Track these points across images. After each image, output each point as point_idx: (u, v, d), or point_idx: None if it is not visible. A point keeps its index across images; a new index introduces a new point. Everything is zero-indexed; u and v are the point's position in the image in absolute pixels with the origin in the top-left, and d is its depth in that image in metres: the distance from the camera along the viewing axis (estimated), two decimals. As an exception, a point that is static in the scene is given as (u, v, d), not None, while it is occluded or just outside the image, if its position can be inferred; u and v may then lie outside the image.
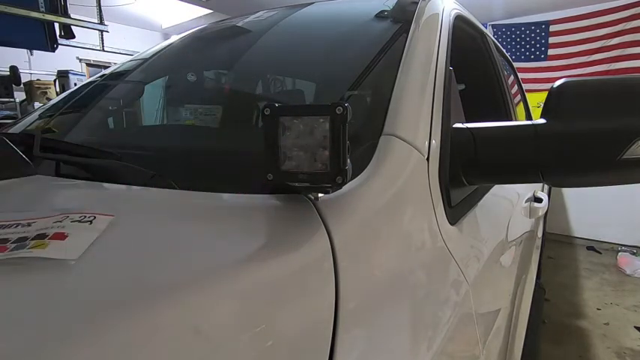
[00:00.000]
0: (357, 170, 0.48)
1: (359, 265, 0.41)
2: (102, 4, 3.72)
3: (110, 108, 1.07)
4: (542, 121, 0.58)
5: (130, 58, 1.24)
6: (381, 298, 0.41)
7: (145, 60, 1.14)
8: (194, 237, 0.39)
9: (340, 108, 0.37)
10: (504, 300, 0.79)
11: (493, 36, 3.81)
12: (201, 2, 4.23)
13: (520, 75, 2.51)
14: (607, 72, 3.76)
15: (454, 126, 0.66)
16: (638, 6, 3.59)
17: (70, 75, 3.72)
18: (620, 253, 3.34)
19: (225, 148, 0.71)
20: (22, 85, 3.67)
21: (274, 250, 0.37)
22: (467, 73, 1.33)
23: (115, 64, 1.33)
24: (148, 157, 0.67)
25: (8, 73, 3.55)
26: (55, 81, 3.77)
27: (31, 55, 4.00)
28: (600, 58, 3.84)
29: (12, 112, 3.62)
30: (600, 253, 3.56)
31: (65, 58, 4.28)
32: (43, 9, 2.97)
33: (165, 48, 1.18)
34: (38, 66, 4.45)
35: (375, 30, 0.90)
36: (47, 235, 0.36)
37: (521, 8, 4.00)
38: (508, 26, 4.29)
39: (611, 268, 3.20)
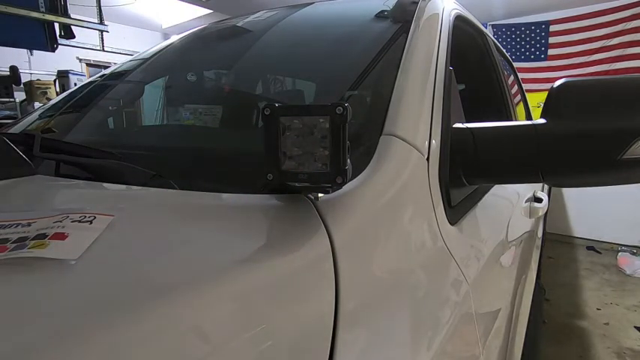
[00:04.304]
0: (357, 170, 0.48)
1: (359, 265, 0.41)
2: (102, 4, 3.72)
3: (110, 108, 1.07)
4: (542, 121, 0.58)
5: (130, 58, 1.24)
6: (381, 298, 0.41)
7: (145, 60, 1.14)
8: (194, 237, 0.39)
9: (340, 108, 0.37)
10: (504, 300, 0.79)
11: (493, 36, 3.81)
12: (201, 2, 4.24)
13: (520, 75, 2.51)
14: (607, 72, 3.77)
15: (454, 126, 0.66)
16: (638, 6, 3.60)
17: (70, 75, 3.72)
18: (620, 253, 3.33)
19: (225, 148, 0.71)
20: (22, 85, 3.67)
21: (274, 250, 0.37)
22: (467, 73, 1.33)
23: (115, 64, 1.33)
24: (148, 157, 0.67)
25: (8, 73, 3.55)
26: (55, 81, 3.77)
27: (31, 55, 4.01)
28: (600, 58, 3.84)
29: (12, 112, 3.62)
30: (600, 253, 3.56)
31: (65, 58, 4.29)
32: (43, 9, 2.97)
33: (165, 48, 1.18)
34: (38, 66, 4.45)
35: (375, 30, 0.90)
36: (47, 235, 0.36)
37: (522, 8, 4.00)
38: (508, 26, 4.30)
39: (611, 268, 3.20)
